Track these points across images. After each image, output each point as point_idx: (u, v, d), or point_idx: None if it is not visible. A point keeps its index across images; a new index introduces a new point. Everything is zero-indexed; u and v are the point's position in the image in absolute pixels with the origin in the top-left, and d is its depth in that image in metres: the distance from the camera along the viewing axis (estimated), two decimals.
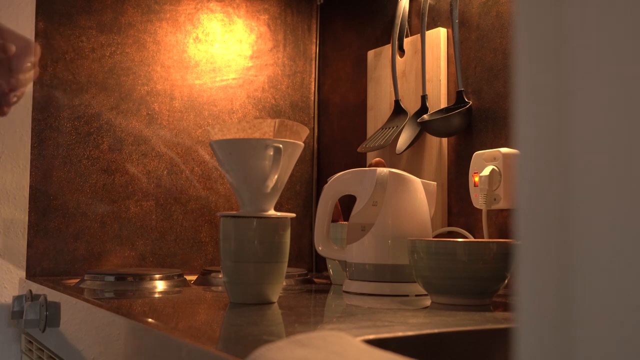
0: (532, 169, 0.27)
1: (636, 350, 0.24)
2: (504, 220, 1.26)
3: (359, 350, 0.56)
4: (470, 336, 0.78)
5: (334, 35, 1.84)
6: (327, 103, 1.85)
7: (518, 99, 0.28)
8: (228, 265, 0.98)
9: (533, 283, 0.27)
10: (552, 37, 0.27)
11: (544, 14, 0.27)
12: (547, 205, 0.27)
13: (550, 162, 0.27)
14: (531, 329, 0.27)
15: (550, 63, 0.27)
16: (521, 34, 0.28)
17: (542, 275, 0.27)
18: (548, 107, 0.27)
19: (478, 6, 1.34)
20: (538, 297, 0.27)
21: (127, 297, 1.14)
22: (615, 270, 0.25)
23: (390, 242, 1.12)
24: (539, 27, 0.28)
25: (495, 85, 1.30)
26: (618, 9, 0.25)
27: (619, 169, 0.25)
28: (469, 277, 0.97)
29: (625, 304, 0.25)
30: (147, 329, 0.81)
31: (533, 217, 0.27)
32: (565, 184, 0.26)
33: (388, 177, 1.14)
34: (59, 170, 1.53)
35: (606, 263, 0.25)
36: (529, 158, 0.28)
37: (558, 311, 0.26)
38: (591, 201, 0.26)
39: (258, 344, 0.60)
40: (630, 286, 0.25)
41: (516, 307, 0.28)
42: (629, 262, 0.25)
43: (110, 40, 1.60)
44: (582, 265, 0.26)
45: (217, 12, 1.74)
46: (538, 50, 0.28)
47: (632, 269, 0.25)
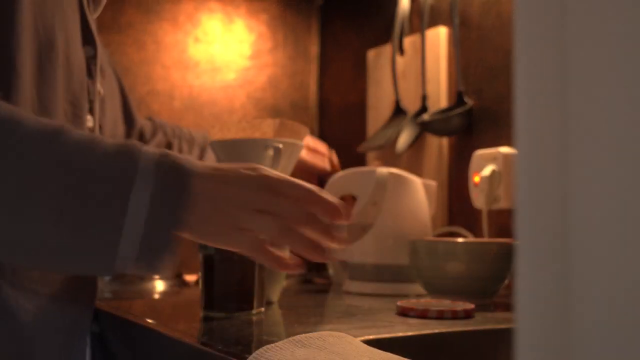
0: (532, 169, 0.27)
1: (637, 350, 0.24)
2: (504, 220, 1.26)
3: (359, 351, 0.56)
4: (470, 336, 0.78)
5: (334, 35, 1.84)
6: (327, 103, 1.85)
7: (518, 99, 0.28)
8: None
9: (533, 283, 0.27)
10: (552, 37, 0.27)
11: (544, 14, 0.27)
12: (547, 205, 0.27)
13: (550, 162, 0.27)
14: (531, 329, 0.27)
15: (551, 63, 0.27)
16: (521, 34, 0.28)
17: (542, 275, 0.27)
18: (548, 107, 0.27)
19: (478, 6, 1.34)
20: (538, 297, 0.27)
21: (127, 297, 1.14)
22: (616, 270, 0.25)
23: (390, 242, 1.11)
24: (539, 27, 0.28)
25: (495, 85, 1.30)
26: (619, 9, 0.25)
27: (619, 168, 0.25)
28: (469, 277, 0.97)
29: (625, 304, 0.25)
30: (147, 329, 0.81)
31: (533, 217, 0.27)
32: (565, 184, 0.26)
33: (388, 177, 1.14)
34: None
35: (606, 263, 0.25)
36: (529, 158, 0.28)
37: (558, 311, 0.26)
38: (591, 201, 0.26)
39: (258, 344, 0.60)
40: (631, 286, 0.25)
41: (516, 307, 0.28)
42: (629, 262, 0.25)
43: (110, 40, 1.60)
44: (582, 265, 0.26)
45: (217, 12, 1.74)
46: (538, 50, 0.28)
47: (632, 269, 0.25)
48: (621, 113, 0.25)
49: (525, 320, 0.27)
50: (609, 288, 0.25)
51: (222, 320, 0.81)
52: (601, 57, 0.26)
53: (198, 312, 0.87)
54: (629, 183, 0.25)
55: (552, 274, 0.27)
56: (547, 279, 0.27)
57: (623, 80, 0.25)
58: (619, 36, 0.25)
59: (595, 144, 0.26)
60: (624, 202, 0.25)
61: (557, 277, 0.26)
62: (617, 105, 0.25)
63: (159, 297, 1.18)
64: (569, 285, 0.26)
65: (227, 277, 0.82)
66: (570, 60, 0.27)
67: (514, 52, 0.29)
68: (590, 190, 0.26)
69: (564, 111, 0.27)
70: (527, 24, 0.28)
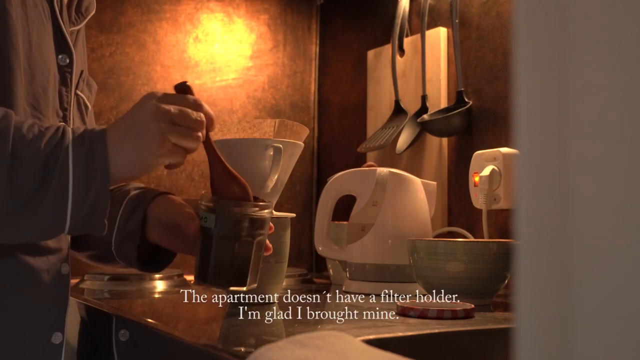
0: (532, 169, 0.27)
1: (636, 349, 0.24)
2: (504, 220, 1.26)
3: (359, 350, 0.56)
4: (470, 336, 0.78)
5: (334, 35, 1.84)
6: (327, 103, 1.85)
7: (518, 98, 0.28)
8: None
9: (533, 283, 0.27)
10: (552, 37, 0.27)
11: (544, 14, 0.27)
12: (547, 205, 0.27)
13: (550, 162, 0.27)
14: (531, 329, 0.27)
15: (550, 63, 0.27)
16: (521, 34, 0.28)
17: (542, 275, 0.27)
18: (548, 107, 0.27)
19: (478, 6, 1.34)
20: (538, 298, 0.27)
21: (127, 297, 1.14)
22: (615, 270, 0.25)
23: (390, 242, 1.11)
24: (539, 27, 0.28)
25: (495, 85, 1.30)
26: (618, 10, 0.25)
27: (618, 168, 0.25)
28: (469, 277, 0.97)
29: (625, 304, 0.25)
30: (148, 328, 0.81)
31: (533, 217, 0.27)
32: (565, 184, 0.26)
33: (388, 177, 1.14)
34: None
35: (606, 263, 0.25)
36: (529, 158, 0.28)
37: (558, 311, 0.26)
38: (591, 201, 0.26)
39: (258, 344, 0.60)
40: (630, 286, 0.25)
41: (516, 307, 0.28)
42: (629, 262, 0.25)
43: (110, 40, 1.60)
44: (582, 265, 0.26)
45: (217, 12, 1.74)
46: (538, 50, 0.28)
47: (632, 269, 0.25)
48: (620, 113, 0.25)
49: (525, 320, 0.27)
50: (608, 287, 0.25)
51: (222, 320, 0.81)
52: (600, 57, 0.26)
53: (198, 312, 0.87)
54: (628, 183, 0.25)
55: (552, 273, 0.27)
56: (547, 279, 0.27)
57: (622, 80, 0.25)
58: (618, 36, 0.25)
59: (595, 144, 0.26)
60: (623, 202, 0.25)
61: (557, 277, 0.26)
62: (617, 105, 0.25)
63: (159, 297, 1.18)
64: (568, 285, 0.26)
65: (223, 252, 0.81)
66: (570, 61, 0.27)
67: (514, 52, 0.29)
68: (589, 190, 0.26)
69: (563, 111, 0.27)
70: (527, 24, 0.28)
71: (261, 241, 0.83)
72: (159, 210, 0.89)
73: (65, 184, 0.72)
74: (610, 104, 0.25)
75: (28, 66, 0.82)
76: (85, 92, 0.98)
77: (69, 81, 0.89)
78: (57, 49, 0.87)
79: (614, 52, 0.25)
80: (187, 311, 1.00)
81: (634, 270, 0.24)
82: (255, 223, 0.82)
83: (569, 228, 0.26)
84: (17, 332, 0.80)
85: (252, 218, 0.81)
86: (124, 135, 0.75)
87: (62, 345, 0.83)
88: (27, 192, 0.71)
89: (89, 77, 1.00)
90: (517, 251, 0.28)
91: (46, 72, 0.85)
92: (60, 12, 0.88)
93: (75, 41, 0.93)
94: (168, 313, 1.01)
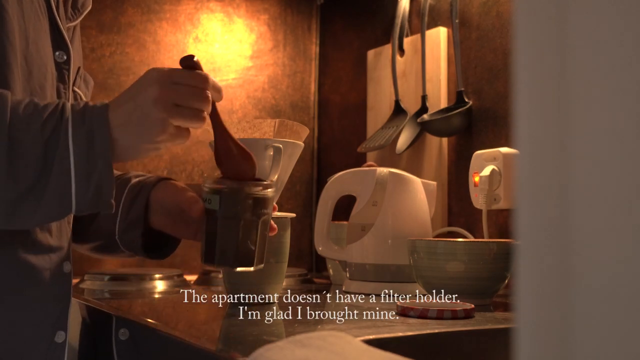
0: (532, 169, 0.27)
1: (635, 349, 0.24)
2: (504, 220, 1.26)
3: (359, 350, 0.56)
4: (470, 336, 0.78)
5: (334, 35, 1.84)
6: (327, 103, 1.85)
7: (518, 99, 0.28)
8: None
9: (533, 283, 0.27)
10: (552, 37, 0.27)
11: (544, 14, 0.27)
12: (547, 205, 0.27)
13: (550, 162, 0.27)
14: (531, 329, 0.27)
15: (550, 63, 0.27)
16: (521, 34, 0.28)
17: (542, 275, 0.27)
18: (548, 107, 0.27)
19: (478, 6, 1.34)
20: (538, 298, 0.27)
21: (127, 297, 1.14)
22: (615, 270, 0.25)
23: (390, 242, 1.11)
24: (539, 27, 0.28)
25: (495, 85, 1.30)
26: (618, 10, 0.25)
27: (618, 168, 0.25)
28: (469, 277, 0.97)
29: (624, 304, 0.25)
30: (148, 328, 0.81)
31: (533, 217, 0.27)
32: (565, 184, 0.26)
33: (388, 177, 1.14)
34: None
35: (606, 263, 0.25)
36: (529, 158, 0.28)
37: (558, 311, 0.26)
38: (591, 201, 0.26)
39: (258, 344, 0.60)
40: (630, 286, 0.25)
41: (516, 307, 0.28)
42: (629, 262, 0.25)
43: (110, 40, 1.60)
44: (582, 265, 0.26)
45: (217, 12, 1.74)
46: (538, 50, 0.28)
47: (632, 269, 0.25)
48: (620, 113, 0.25)
49: (525, 320, 0.27)
50: (608, 287, 0.25)
51: (222, 320, 0.81)
52: (600, 57, 0.26)
53: (198, 312, 0.87)
54: (628, 183, 0.25)
55: (552, 273, 0.27)
56: (547, 279, 0.27)
57: (622, 80, 0.25)
58: (618, 36, 0.25)
59: (595, 144, 0.26)
60: (623, 202, 0.25)
61: (557, 277, 0.26)
62: (616, 105, 0.25)
63: (159, 297, 1.18)
64: (568, 285, 0.26)
65: (229, 233, 0.80)
66: (569, 61, 0.27)
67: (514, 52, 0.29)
68: (589, 190, 0.26)
69: (563, 111, 0.27)
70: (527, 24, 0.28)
71: (266, 220, 0.83)
72: (161, 196, 0.89)
73: (67, 168, 0.72)
74: (610, 104, 0.25)
75: (25, 63, 0.81)
76: (82, 88, 0.97)
77: (66, 78, 0.89)
78: (54, 46, 0.87)
79: (614, 52, 0.25)
80: (187, 311, 1.00)
81: (634, 270, 0.24)
82: (259, 202, 0.81)
83: (569, 228, 0.26)
84: (19, 332, 0.79)
85: (256, 197, 0.81)
86: (125, 118, 0.74)
87: (64, 343, 0.83)
88: (29, 178, 0.71)
89: (85, 73, 1.00)
90: (517, 251, 0.28)
91: (43, 69, 0.84)
92: (56, 9, 0.88)
93: (72, 37, 0.93)
94: (168, 313, 1.01)
